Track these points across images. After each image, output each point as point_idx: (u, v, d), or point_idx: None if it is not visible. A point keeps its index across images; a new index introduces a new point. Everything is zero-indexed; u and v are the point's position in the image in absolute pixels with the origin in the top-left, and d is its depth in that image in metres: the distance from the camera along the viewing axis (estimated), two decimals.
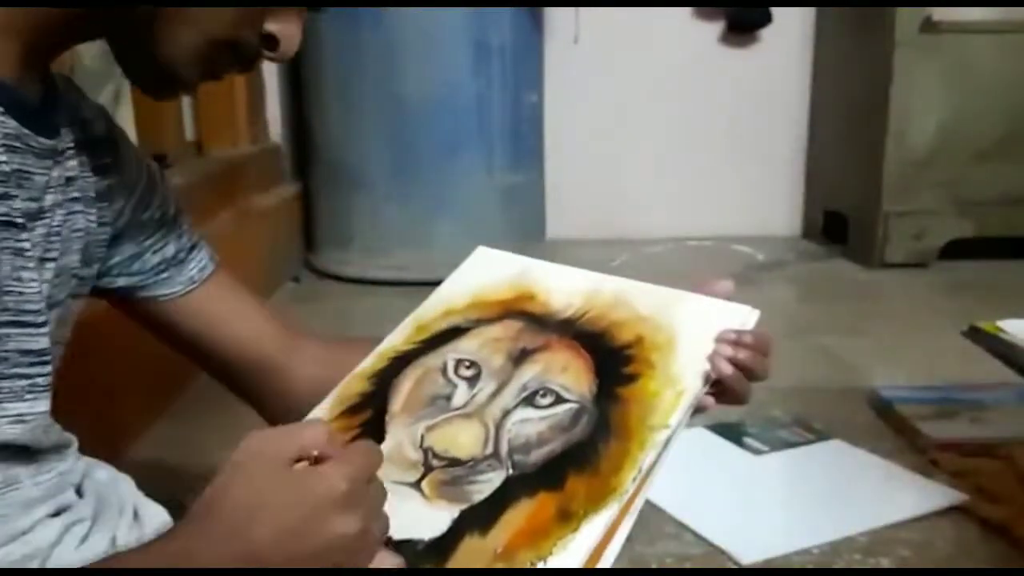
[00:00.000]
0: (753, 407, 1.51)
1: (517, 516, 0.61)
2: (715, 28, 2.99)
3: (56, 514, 0.66)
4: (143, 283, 0.79)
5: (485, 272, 0.81)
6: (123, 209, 0.76)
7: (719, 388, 0.68)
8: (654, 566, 1.07)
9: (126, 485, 0.78)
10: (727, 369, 0.67)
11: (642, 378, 0.68)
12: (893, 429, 1.45)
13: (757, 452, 1.36)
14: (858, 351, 1.88)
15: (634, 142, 3.02)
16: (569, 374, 0.70)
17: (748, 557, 1.07)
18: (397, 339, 0.76)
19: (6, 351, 0.60)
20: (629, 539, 1.14)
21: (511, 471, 0.64)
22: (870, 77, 2.60)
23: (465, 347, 0.73)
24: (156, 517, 0.75)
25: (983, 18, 2.48)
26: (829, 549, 1.10)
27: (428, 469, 0.64)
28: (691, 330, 0.70)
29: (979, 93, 2.52)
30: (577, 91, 2.93)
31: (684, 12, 2.97)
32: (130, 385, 1.42)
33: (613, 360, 0.70)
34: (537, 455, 0.65)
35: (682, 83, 3.01)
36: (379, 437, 0.67)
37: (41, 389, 0.64)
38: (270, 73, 2.61)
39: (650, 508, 1.20)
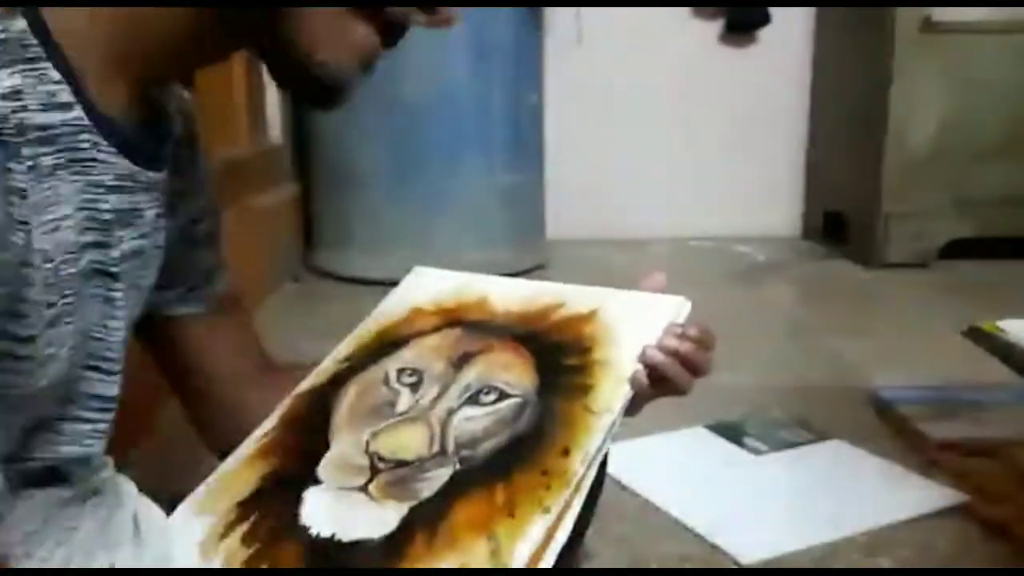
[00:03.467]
0: (753, 407, 1.52)
1: (466, 508, 0.61)
2: (714, 28, 2.99)
3: (58, 544, 0.66)
4: (173, 299, 0.76)
5: (422, 289, 0.83)
6: (190, 212, 0.74)
7: (659, 378, 0.68)
8: (654, 566, 1.07)
9: (126, 489, 0.78)
10: (659, 358, 0.67)
11: (583, 369, 0.69)
12: (893, 429, 1.44)
13: (757, 452, 1.36)
14: (858, 351, 1.88)
15: (634, 142, 3.02)
16: (512, 372, 0.71)
17: (748, 557, 1.07)
18: (337, 356, 0.77)
19: (78, 393, 0.60)
20: (628, 539, 1.14)
21: (458, 466, 0.64)
22: (870, 77, 2.60)
23: (405, 356, 0.74)
24: (155, 526, 0.74)
25: (983, 18, 2.48)
26: (829, 549, 1.09)
27: (375, 472, 0.64)
28: (628, 322, 0.72)
29: (979, 93, 2.52)
30: (577, 91, 2.93)
31: (683, 12, 2.97)
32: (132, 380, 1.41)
33: (554, 355, 0.71)
34: (483, 449, 0.65)
35: (682, 83, 3.01)
36: (323, 449, 0.67)
37: (100, 435, 0.64)
38: None
39: (650, 508, 1.20)
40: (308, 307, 2.31)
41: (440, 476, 0.64)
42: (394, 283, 0.87)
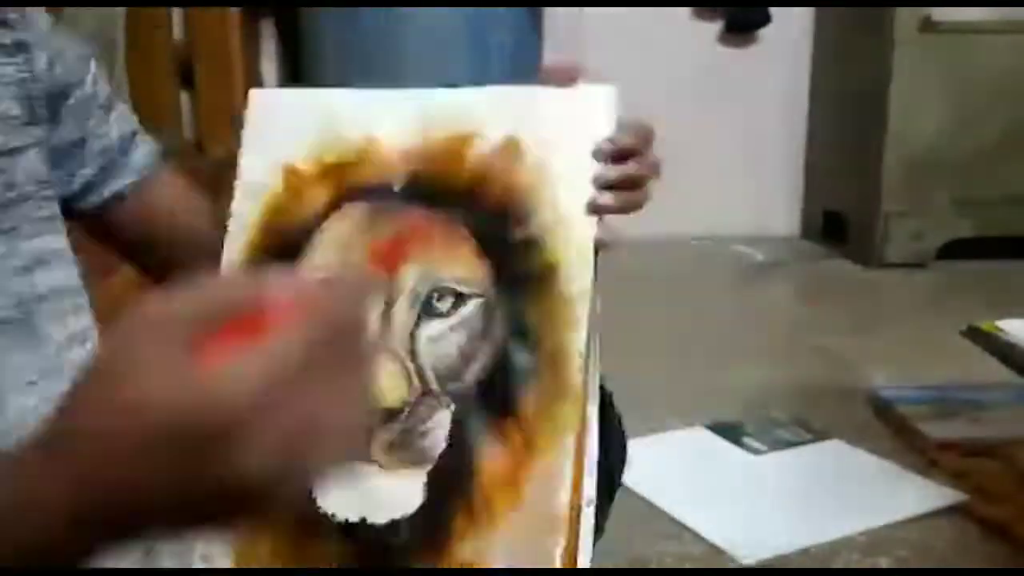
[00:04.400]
0: (753, 407, 1.52)
1: (489, 465, 0.55)
2: (714, 28, 2.99)
3: None
4: (94, 180, 0.74)
5: (280, 132, 0.66)
6: (49, 71, 0.71)
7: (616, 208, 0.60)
8: (654, 566, 1.07)
9: None
10: (609, 200, 0.60)
11: (536, 243, 0.59)
12: (893, 429, 1.45)
13: (757, 452, 1.36)
14: (858, 351, 1.88)
15: None
16: (457, 263, 0.59)
17: (748, 557, 1.07)
18: (233, 260, 0.64)
19: None
20: (629, 539, 1.14)
21: (452, 406, 0.57)
22: (870, 77, 2.59)
23: (322, 263, 0.61)
24: None
25: (983, 18, 2.48)
26: (829, 549, 1.10)
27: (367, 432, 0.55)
28: (559, 148, 0.60)
29: (979, 93, 2.52)
30: None
31: (683, 12, 2.96)
32: None
33: (494, 229, 0.59)
34: (470, 375, 0.57)
35: (681, 83, 3.01)
36: None
37: None
38: (270, 73, 2.60)
39: (650, 508, 1.20)
40: None
41: (440, 423, 0.57)
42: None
